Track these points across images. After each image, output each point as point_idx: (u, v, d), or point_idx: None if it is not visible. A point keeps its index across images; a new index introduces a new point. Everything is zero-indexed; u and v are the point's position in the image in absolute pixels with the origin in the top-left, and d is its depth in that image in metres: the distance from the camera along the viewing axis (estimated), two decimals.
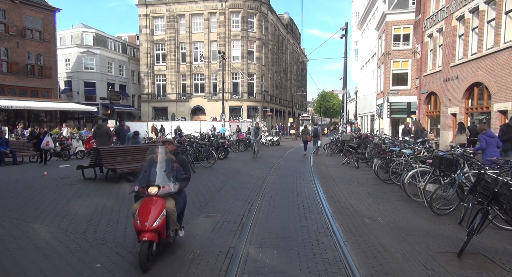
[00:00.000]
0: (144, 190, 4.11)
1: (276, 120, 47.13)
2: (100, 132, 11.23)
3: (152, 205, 3.97)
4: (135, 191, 4.19)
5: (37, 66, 27.25)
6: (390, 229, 5.37)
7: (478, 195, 4.64)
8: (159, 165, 4.28)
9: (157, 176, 4.20)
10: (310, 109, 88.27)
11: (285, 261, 4.15)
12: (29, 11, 26.39)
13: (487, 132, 7.92)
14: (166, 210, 4.07)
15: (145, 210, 3.93)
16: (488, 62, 13.22)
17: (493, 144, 7.74)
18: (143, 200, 4.09)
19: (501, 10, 12.47)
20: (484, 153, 7.73)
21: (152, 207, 3.96)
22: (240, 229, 5.32)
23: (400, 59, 24.02)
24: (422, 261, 4.13)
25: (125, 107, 42.71)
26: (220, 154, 15.50)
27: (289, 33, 55.55)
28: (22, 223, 5.47)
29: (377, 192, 8.24)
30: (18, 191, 7.75)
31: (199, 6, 39.02)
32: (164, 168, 4.28)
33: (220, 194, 7.94)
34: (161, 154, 4.34)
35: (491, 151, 7.63)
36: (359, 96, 43.65)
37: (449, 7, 16.53)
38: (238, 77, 39.16)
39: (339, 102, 72.90)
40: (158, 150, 4.37)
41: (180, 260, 4.15)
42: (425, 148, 9.73)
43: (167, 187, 4.16)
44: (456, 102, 15.80)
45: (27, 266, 3.92)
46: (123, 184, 8.74)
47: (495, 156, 7.43)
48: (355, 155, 13.43)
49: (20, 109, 25.31)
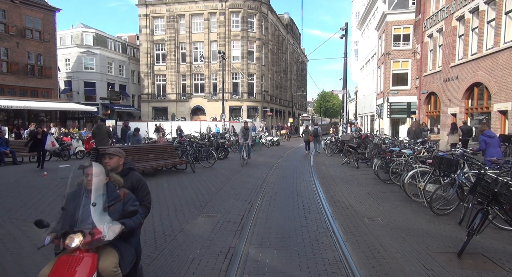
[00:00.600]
0: (59, 241, 2.46)
1: (276, 120, 47.13)
2: (100, 133, 11.17)
3: (73, 268, 2.34)
4: (45, 244, 2.50)
5: (37, 66, 27.25)
6: (390, 229, 5.37)
7: (478, 195, 4.64)
8: (93, 195, 2.60)
9: (88, 214, 2.53)
10: (310, 110, 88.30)
11: (285, 261, 4.15)
12: (29, 11, 26.39)
13: (486, 132, 7.86)
14: (100, 274, 2.47)
15: None
16: (488, 63, 13.22)
17: (493, 144, 7.70)
18: (57, 259, 2.45)
19: (501, 10, 12.48)
20: (485, 153, 7.70)
21: (71, 271, 2.33)
22: (240, 229, 5.32)
23: (400, 59, 24.03)
24: (422, 261, 4.13)
25: (125, 107, 42.71)
26: (220, 154, 15.51)
27: (289, 33, 55.55)
28: (22, 223, 5.47)
29: (377, 192, 8.24)
30: (18, 191, 7.75)
31: (199, 6, 39.03)
32: (99, 200, 2.60)
33: (220, 194, 7.94)
34: (96, 177, 2.68)
35: (492, 151, 7.58)
36: (359, 97, 43.65)
37: (449, 7, 16.53)
38: (238, 77, 39.16)
39: (339, 102, 72.89)
40: (90, 171, 2.70)
41: (180, 260, 4.15)
42: (425, 148, 9.74)
43: (99, 231, 2.47)
44: (456, 102, 15.81)
45: (27, 266, 3.92)
46: None
47: (497, 155, 7.38)
48: (355, 155, 13.43)
49: (20, 109, 25.31)
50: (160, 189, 8.43)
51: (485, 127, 8.25)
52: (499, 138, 8.32)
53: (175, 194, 7.93)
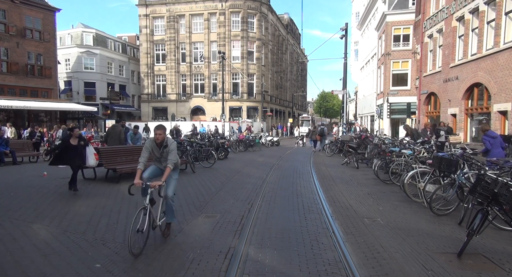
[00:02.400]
0: None
1: (276, 120, 47.16)
2: (114, 133, 11.37)
3: None
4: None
5: (37, 66, 27.25)
6: (390, 230, 5.37)
7: (478, 196, 4.64)
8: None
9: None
10: (310, 110, 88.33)
11: (285, 261, 4.15)
12: (29, 11, 26.39)
13: (489, 133, 7.81)
14: None
15: None
16: (488, 63, 13.23)
17: (496, 144, 7.67)
18: None
19: (501, 11, 12.48)
20: (489, 154, 7.69)
21: None
22: (240, 229, 5.32)
23: (400, 59, 24.04)
24: (422, 262, 4.13)
25: (125, 108, 42.72)
26: (220, 154, 15.50)
27: (289, 34, 55.57)
28: (22, 223, 5.47)
29: (377, 192, 8.24)
30: (18, 191, 7.74)
31: (199, 6, 39.05)
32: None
33: (220, 194, 7.94)
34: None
35: (495, 151, 7.56)
36: (359, 97, 43.67)
37: (449, 7, 16.54)
38: (238, 78, 39.18)
39: (339, 102, 72.91)
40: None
41: (180, 260, 4.15)
42: (425, 149, 9.74)
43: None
44: (456, 102, 15.82)
45: (27, 266, 3.92)
46: (123, 184, 8.74)
47: (500, 156, 7.36)
48: (355, 155, 13.44)
49: (20, 109, 25.31)
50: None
51: (488, 127, 8.19)
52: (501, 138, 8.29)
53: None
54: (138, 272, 3.83)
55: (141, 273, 3.80)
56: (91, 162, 8.27)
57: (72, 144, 7.74)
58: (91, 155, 8.28)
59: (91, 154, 8.29)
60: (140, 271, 3.86)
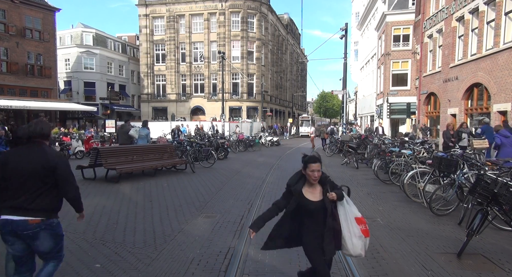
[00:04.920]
0: None
1: (276, 120, 47.16)
2: (123, 132, 12.06)
3: None
4: None
5: (37, 66, 27.24)
6: (390, 230, 5.37)
7: (478, 196, 4.64)
8: None
9: None
10: (310, 110, 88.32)
11: (284, 261, 4.15)
12: (29, 11, 26.37)
13: (502, 132, 7.91)
14: None
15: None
16: (488, 63, 13.23)
17: (508, 144, 7.71)
18: None
19: (501, 11, 12.48)
20: (499, 152, 7.74)
21: None
22: (240, 229, 5.32)
23: (399, 59, 24.04)
24: (422, 262, 4.13)
25: (125, 108, 42.68)
26: (220, 154, 15.50)
27: (289, 34, 55.58)
28: None
29: (377, 193, 8.25)
30: None
31: (199, 6, 39.03)
32: None
33: (220, 194, 7.94)
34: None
35: (506, 150, 7.61)
36: (359, 97, 43.66)
37: (448, 7, 16.54)
38: (238, 78, 39.17)
39: (339, 102, 72.84)
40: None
41: (180, 260, 4.15)
42: (424, 149, 9.74)
43: None
44: (456, 103, 15.82)
45: None
46: (122, 184, 8.74)
47: (511, 156, 7.40)
48: (354, 155, 13.44)
49: (20, 109, 25.29)
50: (159, 189, 8.42)
51: (500, 127, 8.32)
52: None
53: (174, 194, 7.92)
54: (138, 272, 3.83)
55: (141, 273, 3.80)
56: None
57: None
58: None
59: None
60: (140, 271, 3.86)
